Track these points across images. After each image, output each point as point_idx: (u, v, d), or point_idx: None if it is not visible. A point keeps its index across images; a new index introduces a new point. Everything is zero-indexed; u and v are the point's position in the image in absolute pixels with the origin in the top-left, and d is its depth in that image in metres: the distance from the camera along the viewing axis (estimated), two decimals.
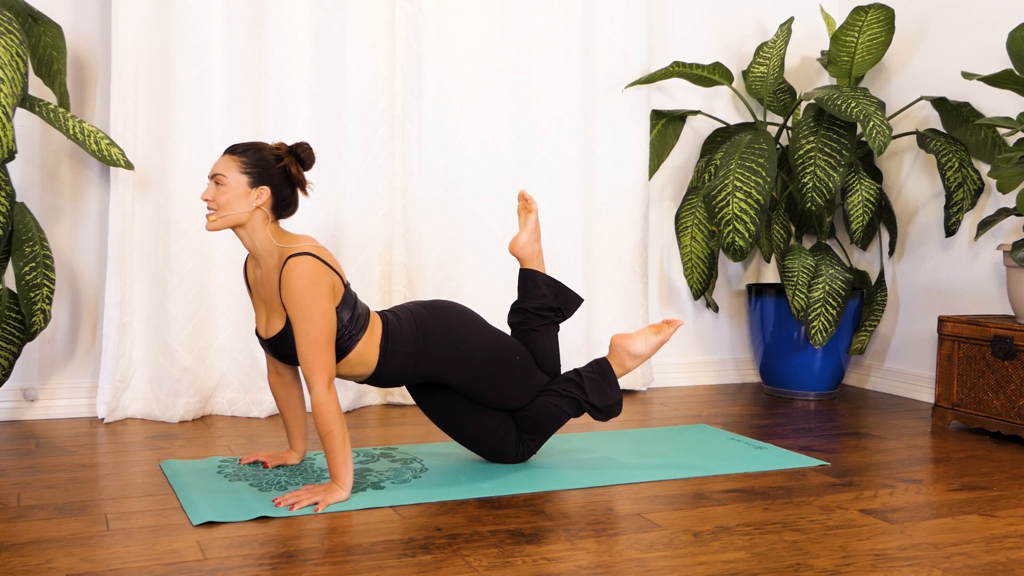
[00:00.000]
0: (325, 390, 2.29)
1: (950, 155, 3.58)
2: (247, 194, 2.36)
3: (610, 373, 2.67)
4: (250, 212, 2.37)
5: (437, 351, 2.51)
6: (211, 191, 2.37)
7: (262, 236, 2.40)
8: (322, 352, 2.30)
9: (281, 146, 2.42)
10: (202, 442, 2.97)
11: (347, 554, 1.98)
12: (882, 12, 3.62)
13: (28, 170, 3.25)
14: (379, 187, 3.52)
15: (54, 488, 2.43)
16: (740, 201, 3.44)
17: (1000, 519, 2.30)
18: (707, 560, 1.98)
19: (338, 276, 2.38)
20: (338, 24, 3.42)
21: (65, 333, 3.35)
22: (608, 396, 2.65)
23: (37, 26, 3.05)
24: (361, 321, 2.42)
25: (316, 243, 2.39)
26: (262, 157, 2.38)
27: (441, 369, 2.52)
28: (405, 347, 2.48)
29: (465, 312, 2.62)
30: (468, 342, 2.54)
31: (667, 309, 4.20)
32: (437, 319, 2.54)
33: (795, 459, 2.83)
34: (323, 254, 2.36)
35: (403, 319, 2.52)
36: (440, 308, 2.59)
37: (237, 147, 2.39)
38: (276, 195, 2.39)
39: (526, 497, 2.41)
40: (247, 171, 2.36)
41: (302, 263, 2.30)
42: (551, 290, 2.78)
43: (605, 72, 3.85)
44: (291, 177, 2.42)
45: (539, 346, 2.73)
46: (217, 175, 2.36)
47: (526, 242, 2.80)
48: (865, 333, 3.92)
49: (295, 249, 2.34)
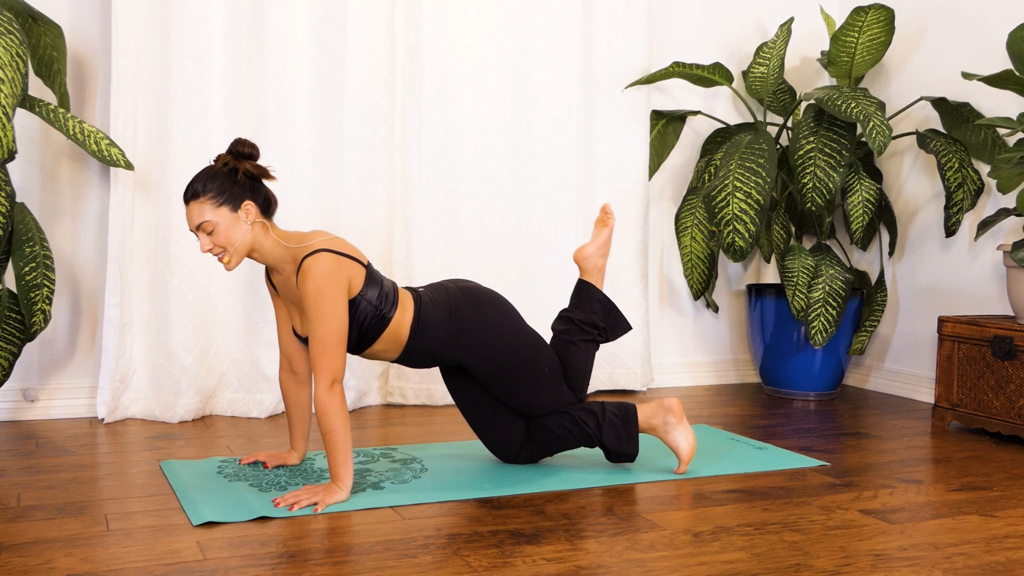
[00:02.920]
0: (327, 389, 2.29)
1: (950, 155, 3.58)
2: (237, 220, 2.36)
3: (633, 423, 2.62)
4: (250, 232, 2.38)
5: (466, 341, 2.50)
6: (206, 242, 2.36)
7: (270, 246, 2.41)
8: (329, 351, 2.30)
9: (223, 157, 2.39)
10: (202, 442, 2.97)
11: (347, 554, 1.98)
12: (882, 12, 3.62)
13: (28, 170, 3.25)
14: (379, 187, 3.51)
15: (54, 488, 2.43)
16: (740, 201, 3.44)
17: (1000, 519, 2.30)
18: (707, 560, 1.98)
19: (356, 261, 2.38)
20: (338, 24, 3.42)
21: (65, 333, 3.35)
22: (622, 445, 2.62)
23: (37, 26, 3.05)
24: (391, 297, 2.44)
25: (327, 235, 2.40)
26: (221, 181, 2.35)
27: (466, 359, 2.52)
28: (435, 331, 2.48)
29: (505, 308, 2.59)
30: (500, 340, 2.53)
31: (667, 309, 4.20)
32: (474, 310, 2.53)
33: (795, 459, 2.83)
34: (336, 245, 2.36)
35: (438, 301, 2.51)
36: (481, 298, 2.56)
37: (192, 190, 2.35)
38: (258, 201, 2.39)
39: (526, 497, 2.41)
40: (220, 202, 2.34)
41: (316, 262, 2.31)
42: (603, 308, 2.76)
43: (605, 72, 3.85)
44: (255, 176, 2.40)
45: (573, 361, 2.69)
46: (200, 225, 2.35)
47: (591, 254, 2.78)
48: (865, 333, 3.92)
49: (308, 248, 2.35)
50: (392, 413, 3.49)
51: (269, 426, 3.23)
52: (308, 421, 2.66)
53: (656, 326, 4.18)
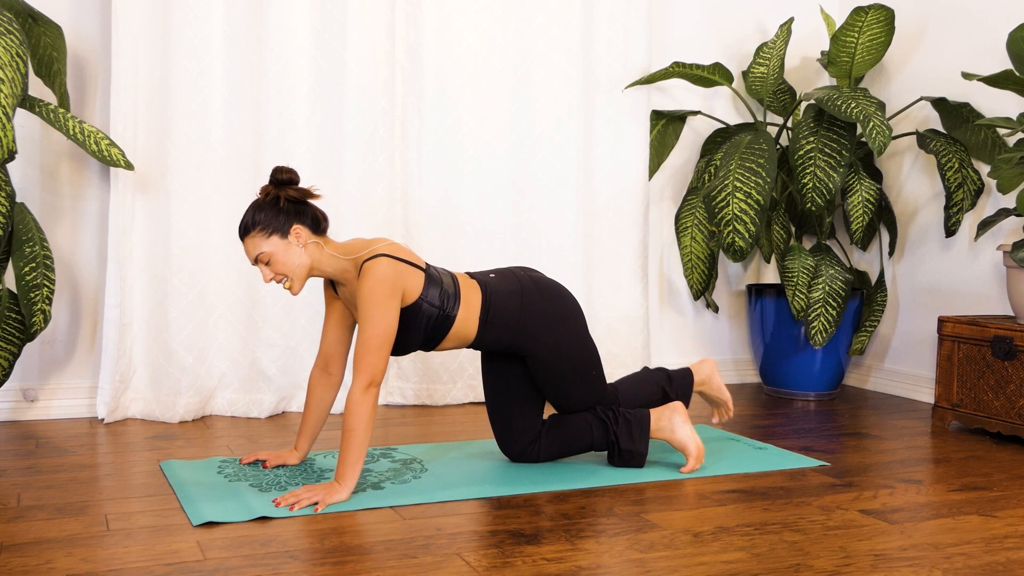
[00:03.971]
0: (363, 389, 2.32)
1: (950, 155, 3.58)
2: (289, 245, 2.42)
3: (646, 424, 2.68)
4: (305, 253, 2.44)
5: (533, 331, 2.57)
6: (267, 272, 2.45)
7: (329, 261, 2.47)
8: (372, 352, 2.34)
9: (266, 188, 2.45)
10: (202, 442, 2.97)
11: (347, 554, 1.98)
12: (882, 12, 3.62)
13: (28, 170, 3.25)
14: (379, 187, 3.51)
15: (54, 488, 2.43)
16: (740, 201, 3.44)
17: (1000, 519, 2.30)
18: (707, 560, 1.98)
19: (414, 267, 2.44)
20: (338, 24, 3.42)
21: (65, 333, 3.35)
22: (634, 443, 2.67)
23: (37, 26, 3.05)
24: (453, 295, 2.50)
25: (388, 241, 2.46)
26: (267, 212, 2.42)
27: (531, 348, 2.58)
28: (505, 319, 2.55)
29: (572, 304, 2.66)
30: (565, 335, 2.60)
31: (667, 309, 4.20)
32: (544, 301, 2.60)
33: (795, 459, 2.83)
34: (395, 250, 2.43)
35: (506, 291, 2.58)
36: (551, 292, 2.63)
37: (244, 227, 2.43)
38: (306, 223, 2.44)
39: (526, 497, 2.41)
40: (270, 232, 2.41)
41: (374, 266, 2.37)
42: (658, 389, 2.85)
43: (605, 72, 3.85)
44: (298, 200, 2.45)
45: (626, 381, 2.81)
46: (257, 256, 2.43)
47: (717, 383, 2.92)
48: (865, 333, 3.92)
49: (369, 253, 2.41)
50: (392, 413, 3.49)
51: (269, 426, 3.23)
52: (321, 424, 2.68)
53: (656, 326, 4.18)
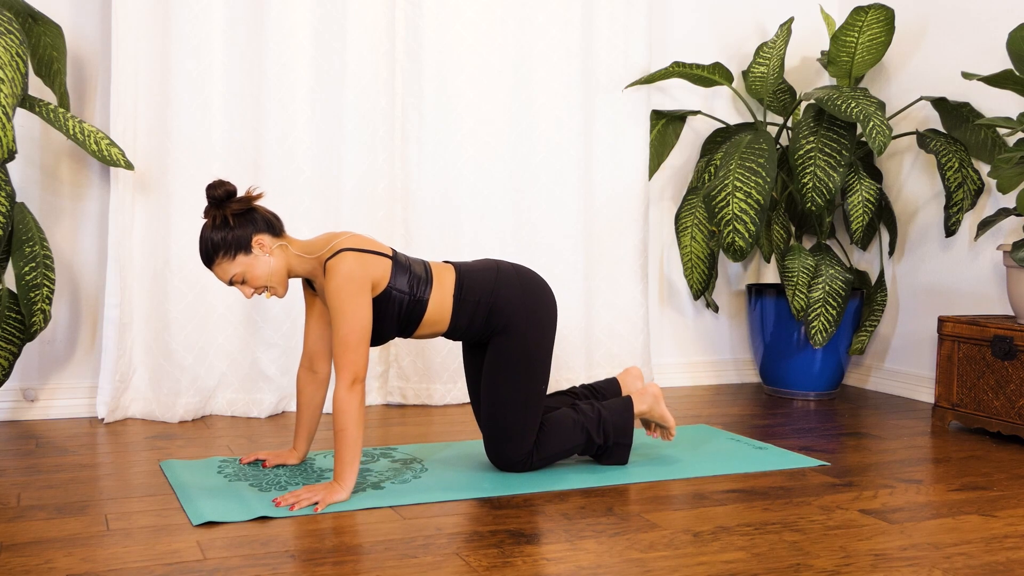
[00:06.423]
0: (348, 387, 2.32)
1: (950, 155, 3.58)
2: (256, 258, 2.41)
3: (630, 409, 2.70)
4: (275, 259, 2.43)
5: (507, 311, 2.54)
6: (247, 290, 2.45)
7: (296, 262, 2.46)
8: (351, 350, 2.33)
9: (210, 212, 2.41)
10: (202, 442, 2.97)
11: (347, 554, 1.98)
12: (882, 12, 3.62)
13: (28, 170, 3.25)
14: (379, 187, 3.52)
15: (54, 488, 2.43)
16: (740, 201, 3.44)
17: (1000, 519, 2.30)
18: (707, 560, 1.98)
19: (379, 255, 2.43)
20: (338, 24, 3.42)
21: (65, 333, 3.35)
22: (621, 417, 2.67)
23: (37, 26, 3.05)
24: (423, 278, 2.50)
25: (349, 234, 2.45)
26: (224, 234, 2.38)
27: (501, 326, 2.54)
28: (478, 295, 2.54)
29: (549, 304, 2.63)
30: (533, 329, 2.56)
31: (667, 309, 4.20)
32: (521, 286, 2.58)
33: (795, 459, 2.83)
34: (357, 242, 2.42)
35: (481, 269, 2.58)
36: (530, 281, 2.61)
37: (206, 256, 2.41)
38: (263, 230, 2.42)
39: (526, 497, 2.41)
40: (234, 252, 2.39)
41: (338, 263, 2.36)
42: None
43: (605, 72, 3.85)
44: (245, 210, 2.42)
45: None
46: (232, 278, 2.42)
47: (649, 392, 2.78)
48: (865, 333, 3.92)
49: (331, 250, 2.40)
50: (392, 413, 3.49)
51: (269, 426, 3.23)
52: (316, 423, 2.67)
53: (656, 326, 4.18)
